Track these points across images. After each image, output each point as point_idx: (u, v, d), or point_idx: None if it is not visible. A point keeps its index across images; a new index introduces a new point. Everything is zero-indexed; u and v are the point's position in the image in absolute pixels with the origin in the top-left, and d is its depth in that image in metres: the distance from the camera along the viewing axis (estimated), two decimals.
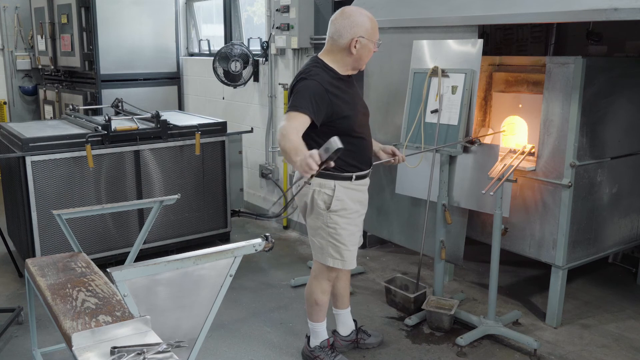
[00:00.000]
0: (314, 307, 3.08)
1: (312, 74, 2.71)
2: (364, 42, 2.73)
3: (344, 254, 2.90)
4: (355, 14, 2.73)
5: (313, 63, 2.79)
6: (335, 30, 2.74)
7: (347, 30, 2.71)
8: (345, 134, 2.71)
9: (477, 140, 3.45)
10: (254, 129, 5.38)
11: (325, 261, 2.93)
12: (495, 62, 3.86)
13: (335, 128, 2.72)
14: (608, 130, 3.52)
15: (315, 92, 2.65)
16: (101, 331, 1.82)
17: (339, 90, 2.74)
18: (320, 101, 2.66)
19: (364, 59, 2.81)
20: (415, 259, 4.55)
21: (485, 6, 3.41)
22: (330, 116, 2.71)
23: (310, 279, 3.09)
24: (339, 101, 2.72)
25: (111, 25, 6.16)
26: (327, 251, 2.90)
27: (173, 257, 2.12)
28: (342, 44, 2.74)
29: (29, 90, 7.54)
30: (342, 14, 2.75)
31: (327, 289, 3.05)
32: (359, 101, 2.90)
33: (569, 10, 2.93)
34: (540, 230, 3.52)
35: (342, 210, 2.83)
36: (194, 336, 2.26)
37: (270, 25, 5.21)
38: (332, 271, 3.01)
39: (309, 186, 2.81)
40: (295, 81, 2.75)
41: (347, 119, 2.76)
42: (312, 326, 3.14)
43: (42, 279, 2.74)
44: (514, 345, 3.36)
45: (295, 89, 2.71)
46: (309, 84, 2.67)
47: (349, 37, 2.71)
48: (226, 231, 4.90)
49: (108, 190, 4.24)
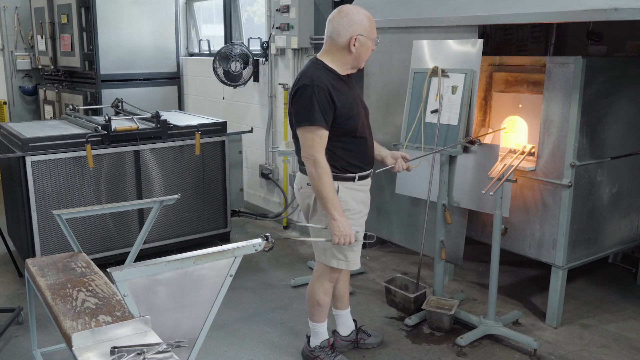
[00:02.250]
0: (315, 308, 3.08)
1: (315, 78, 2.68)
2: (362, 40, 2.73)
3: (348, 255, 2.90)
4: (352, 12, 2.73)
5: (313, 65, 2.78)
6: (334, 30, 2.74)
7: (346, 28, 2.70)
8: (348, 135, 2.75)
9: (477, 140, 3.45)
10: (254, 129, 5.39)
11: (329, 262, 2.93)
12: (495, 62, 3.86)
13: (339, 129, 2.73)
14: (608, 130, 3.52)
15: (320, 99, 2.65)
16: (101, 331, 1.81)
17: (341, 92, 2.74)
18: (328, 108, 2.67)
19: (363, 57, 2.81)
20: (415, 259, 4.55)
21: (485, 6, 3.41)
22: (336, 118, 2.72)
23: (312, 280, 3.09)
24: (342, 103, 2.72)
25: (111, 25, 6.16)
26: (332, 252, 2.89)
27: (173, 257, 2.12)
28: (341, 42, 2.73)
29: (29, 90, 7.54)
30: (340, 12, 2.75)
31: (329, 289, 3.05)
32: (359, 101, 2.90)
33: (569, 10, 2.93)
34: (540, 230, 3.52)
35: (346, 211, 2.82)
36: (194, 336, 2.26)
37: (270, 25, 5.21)
38: (335, 272, 3.01)
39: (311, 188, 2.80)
40: (297, 85, 2.72)
41: (351, 120, 2.76)
42: (312, 326, 3.15)
43: (42, 279, 2.74)
44: (514, 345, 3.36)
45: (300, 95, 2.68)
46: (314, 90, 2.65)
47: (348, 36, 2.71)
48: (226, 231, 4.90)
49: (108, 190, 4.24)
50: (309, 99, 2.64)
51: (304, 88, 2.67)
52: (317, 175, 2.68)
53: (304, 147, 2.71)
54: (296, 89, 2.71)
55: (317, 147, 2.68)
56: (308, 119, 2.66)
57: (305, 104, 2.66)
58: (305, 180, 2.83)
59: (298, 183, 2.95)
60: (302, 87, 2.68)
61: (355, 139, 2.80)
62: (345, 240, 2.73)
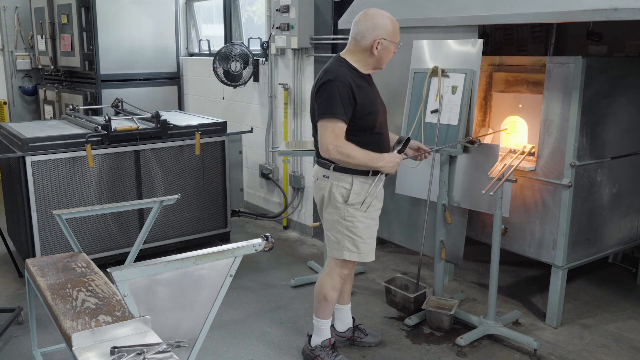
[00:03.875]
0: (322, 303, 3.09)
1: (338, 73, 2.78)
2: (385, 44, 2.83)
3: (360, 247, 2.95)
4: (377, 16, 2.83)
5: (337, 62, 2.88)
6: (359, 32, 2.84)
7: (370, 32, 2.81)
8: (366, 130, 2.85)
9: (477, 140, 3.45)
10: (254, 129, 5.39)
11: (341, 255, 2.97)
12: (495, 62, 3.86)
13: (357, 124, 2.82)
14: (608, 130, 3.52)
15: (343, 95, 2.74)
16: (101, 331, 1.81)
17: (363, 89, 2.84)
18: (349, 103, 2.77)
19: (385, 60, 2.91)
20: (415, 259, 4.55)
21: (485, 6, 3.41)
22: (356, 113, 2.80)
23: (322, 274, 3.11)
24: (363, 99, 2.81)
25: (111, 25, 6.16)
26: (344, 244, 2.95)
27: (173, 257, 2.12)
28: (365, 45, 2.83)
29: (29, 90, 7.54)
30: (366, 16, 2.84)
31: (337, 285, 3.08)
32: (379, 99, 2.99)
33: (569, 10, 2.93)
34: (540, 230, 3.52)
35: (360, 204, 2.89)
36: (194, 336, 2.26)
37: (270, 25, 5.21)
38: (345, 268, 3.04)
39: (327, 180, 2.91)
40: (321, 81, 2.81)
41: (370, 116, 2.86)
42: (316, 322, 3.16)
43: (42, 279, 2.74)
44: (514, 345, 3.36)
45: (324, 90, 2.78)
46: (337, 86, 2.75)
47: (371, 39, 2.81)
48: (226, 231, 4.90)
49: (108, 190, 4.24)
50: (332, 94, 2.75)
51: (328, 83, 2.77)
52: (345, 156, 2.78)
53: (324, 137, 2.79)
54: (320, 84, 2.81)
55: (338, 137, 2.77)
56: (330, 111, 2.75)
57: (328, 98, 2.76)
58: (322, 172, 2.94)
59: (315, 175, 3.03)
60: (326, 82, 2.78)
61: (373, 135, 2.89)
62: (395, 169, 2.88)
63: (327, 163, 2.89)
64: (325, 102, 2.76)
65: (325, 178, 2.92)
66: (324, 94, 2.77)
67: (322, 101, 2.78)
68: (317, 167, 3.00)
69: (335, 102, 2.74)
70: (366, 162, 2.80)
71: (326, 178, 2.92)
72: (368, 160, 2.80)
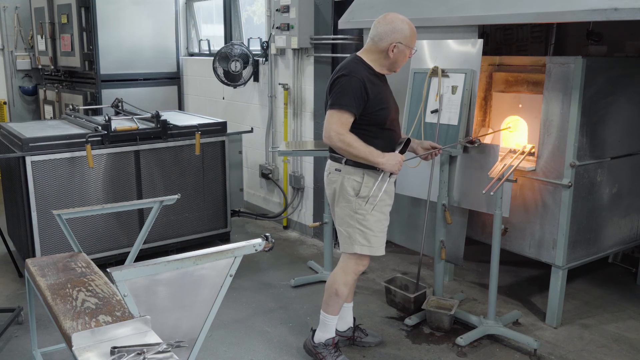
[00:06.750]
0: (332, 298, 3.10)
1: (352, 69, 2.85)
2: (401, 48, 2.89)
3: (371, 240, 2.97)
4: (397, 20, 2.89)
5: (353, 60, 2.93)
6: (377, 34, 2.90)
7: (388, 35, 2.87)
8: (377, 125, 2.89)
9: (477, 140, 3.45)
10: (254, 129, 5.39)
11: (352, 249, 2.99)
12: (495, 62, 3.86)
13: (369, 119, 2.86)
14: (608, 130, 3.52)
15: (354, 88, 2.79)
16: (101, 331, 1.82)
17: (376, 85, 2.89)
18: (360, 96, 2.81)
19: (399, 63, 2.96)
20: (415, 259, 4.55)
21: (485, 6, 3.41)
22: (368, 108, 2.83)
23: (336, 270, 3.12)
24: (375, 95, 2.85)
25: (111, 25, 6.16)
26: (355, 238, 2.97)
27: (173, 257, 2.12)
28: (382, 46, 2.89)
29: (29, 90, 7.54)
30: (385, 18, 2.91)
31: (350, 282, 3.10)
32: (391, 98, 3.02)
33: (569, 10, 2.93)
34: (540, 230, 3.52)
35: (370, 198, 2.91)
36: (194, 336, 2.26)
37: (270, 25, 5.21)
38: (360, 264, 3.06)
39: (339, 173, 2.95)
40: (335, 76, 2.88)
41: (381, 111, 2.89)
42: (324, 318, 3.16)
43: (42, 279, 2.74)
44: (514, 345, 3.36)
45: (337, 83, 2.84)
46: (349, 80, 2.80)
47: (388, 42, 2.87)
48: (226, 231, 4.90)
49: (108, 190, 4.24)
50: (344, 87, 2.81)
51: (342, 77, 2.84)
52: (347, 145, 2.80)
53: (329, 124, 2.83)
54: (335, 79, 2.87)
55: (343, 126, 2.81)
56: (339, 102, 2.80)
57: (340, 91, 2.81)
58: (334, 166, 2.99)
59: (327, 169, 3.07)
60: (340, 77, 2.84)
61: (383, 130, 2.92)
62: (398, 168, 2.86)
63: (339, 157, 2.94)
64: (336, 94, 2.82)
65: (337, 172, 2.96)
66: (336, 87, 2.84)
67: (334, 93, 2.83)
68: (330, 161, 3.05)
69: (347, 94, 2.79)
70: (366, 155, 2.82)
71: (338, 172, 2.96)
72: (368, 153, 2.82)
